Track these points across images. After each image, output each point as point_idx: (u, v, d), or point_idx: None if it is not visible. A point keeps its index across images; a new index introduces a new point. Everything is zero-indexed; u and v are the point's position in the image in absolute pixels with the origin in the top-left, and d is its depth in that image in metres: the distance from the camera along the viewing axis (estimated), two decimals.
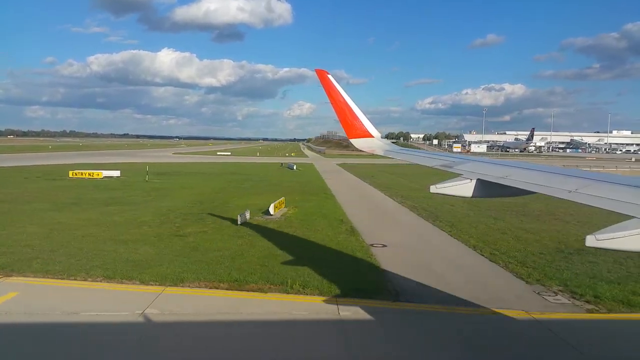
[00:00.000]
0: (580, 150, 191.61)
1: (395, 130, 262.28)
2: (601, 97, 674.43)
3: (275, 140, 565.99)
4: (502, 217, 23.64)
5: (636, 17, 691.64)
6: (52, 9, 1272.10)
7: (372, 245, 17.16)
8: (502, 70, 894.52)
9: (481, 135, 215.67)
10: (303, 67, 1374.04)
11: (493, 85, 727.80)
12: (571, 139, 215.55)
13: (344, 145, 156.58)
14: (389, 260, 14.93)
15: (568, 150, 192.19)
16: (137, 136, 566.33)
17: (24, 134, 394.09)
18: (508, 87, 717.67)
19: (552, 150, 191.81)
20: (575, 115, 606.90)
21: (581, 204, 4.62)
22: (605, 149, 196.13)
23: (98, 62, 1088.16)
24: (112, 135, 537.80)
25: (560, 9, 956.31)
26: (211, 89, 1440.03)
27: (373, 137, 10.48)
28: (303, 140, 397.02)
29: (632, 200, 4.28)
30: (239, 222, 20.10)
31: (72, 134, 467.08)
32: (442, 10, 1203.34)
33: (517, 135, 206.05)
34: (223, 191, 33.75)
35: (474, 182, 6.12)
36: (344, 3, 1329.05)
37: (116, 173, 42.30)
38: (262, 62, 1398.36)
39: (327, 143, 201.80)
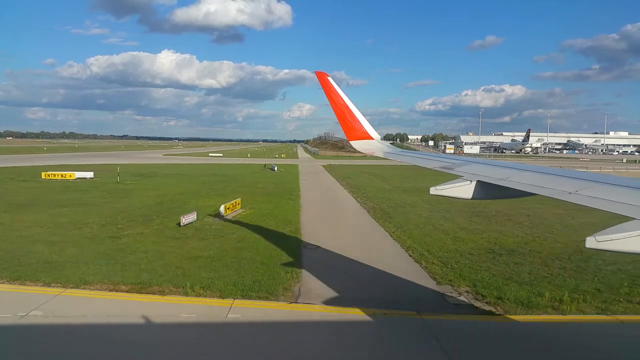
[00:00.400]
0: (577, 151, 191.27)
1: (394, 131, 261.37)
2: (601, 98, 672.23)
3: (275, 141, 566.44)
4: (453, 218, 23.52)
5: (635, 19, 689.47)
6: (52, 11, 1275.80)
7: (305, 246, 17.11)
8: (501, 71, 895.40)
9: (477, 137, 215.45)
10: (303, 68, 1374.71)
11: (493, 86, 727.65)
12: (568, 140, 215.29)
13: (339, 146, 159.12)
14: (311, 262, 14.86)
15: (565, 151, 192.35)
16: (137, 137, 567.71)
17: (23, 136, 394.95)
18: (508, 89, 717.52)
19: (548, 151, 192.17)
20: (575, 116, 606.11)
21: (581, 205, 4.63)
22: (602, 150, 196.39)
23: (98, 63, 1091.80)
24: (112, 137, 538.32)
25: (559, 10, 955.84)
26: (211, 91, 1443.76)
27: (373, 139, 10.53)
28: (302, 141, 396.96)
29: (631, 202, 4.29)
30: (182, 224, 20.03)
31: (72, 136, 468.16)
32: (442, 12, 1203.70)
33: (514, 136, 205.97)
34: (190, 192, 33.61)
35: (474, 183, 6.15)
36: (343, 5, 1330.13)
37: (89, 174, 42.25)
38: (262, 63, 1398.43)
39: (324, 144, 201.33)
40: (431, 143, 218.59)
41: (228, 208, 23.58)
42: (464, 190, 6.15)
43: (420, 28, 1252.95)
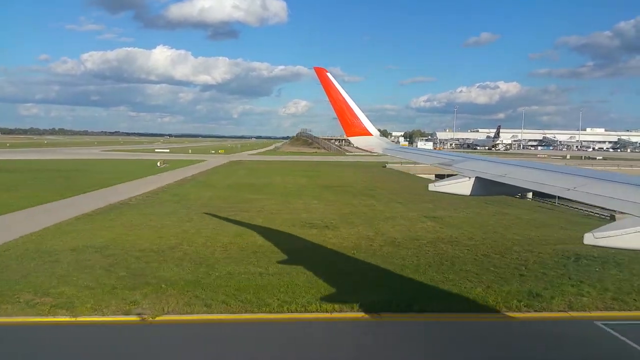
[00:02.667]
0: (551, 148, 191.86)
1: (389, 128, 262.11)
2: (595, 95, 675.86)
3: (269, 137, 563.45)
4: None
5: (629, 16, 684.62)
6: (46, 6, 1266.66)
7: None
8: (496, 68, 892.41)
9: (453, 133, 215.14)
10: (298, 65, 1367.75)
11: (488, 83, 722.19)
12: (543, 137, 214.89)
13: (308, 142, 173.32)
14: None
15: (539, 148, 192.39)
16: (128, 134, 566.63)
17: (11, 132, 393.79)
18: (503, 85, 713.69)
19: (523, 147, 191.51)
20: (570, 113, 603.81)
21: (580, 202, 4.78)
22: (576, 147, 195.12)
23: (92, 59, 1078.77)
24: (104, 133, 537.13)
25: (553, 7, 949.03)
26: (206, 87, 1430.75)
27: (372, 135, 10.51)
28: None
29: (629, 199, 4.33)
30: None
31: (61, 132, 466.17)
32: (437, 9, 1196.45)
33: (490, 133, 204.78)
34: None
35: (472, 180, 6.19)
36: (338, 1, 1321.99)
37: None
38: (258, 59, 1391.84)
39: (298, 141, 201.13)
40: (401, 139, 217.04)
41: None
42: (462, 186, 6.22)
43: (415, 25, 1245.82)
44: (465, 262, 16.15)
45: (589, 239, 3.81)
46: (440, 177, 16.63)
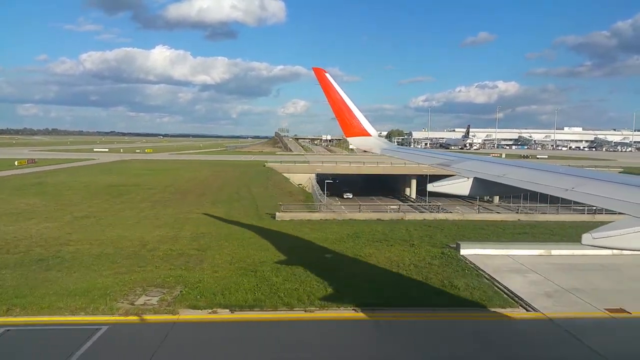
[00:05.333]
0: (526, 147, 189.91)
1: (387, 128, 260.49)
2: (593, 94, 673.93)
3: (266, 137, 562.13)
4: None
5: (626, 15, 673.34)
6: (45, 7, 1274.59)
7: None
8: (495, 68, 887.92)
9: (427, 133, 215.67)
10: (297, 65, 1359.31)
11: (486, 82, 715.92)
12: (519, 136, 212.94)
13: (277, 142, 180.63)
14: None
15: (514, 147, 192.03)
16: (123, 134, 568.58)
17: (2, 132, 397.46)
18: (501, 85, 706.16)
19: (497, 147, 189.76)
20: (568, 112, 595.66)
21: (578, 202, 4.89)
22: (551, 146, 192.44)
23: (91, 59, 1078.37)
24: (98, 133, 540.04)
25: (550, 7, 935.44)
26: (205, 87, 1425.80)
27: (370, 135, 10.49)
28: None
29: (626, 199, 4.36)
30: None
31: (55, 132, 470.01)
32: (435, 9, 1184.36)
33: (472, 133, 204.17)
34: None
35: (470, 180, 6.22)
36: (336, 1, 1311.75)
37: None
38: (257, 59, 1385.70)
39: (271, 141, 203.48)
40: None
41: None
42: (461, 187, 6.24)
43: (413, 25, 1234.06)
44: None
45: (587, 239, 3.82)
46: None
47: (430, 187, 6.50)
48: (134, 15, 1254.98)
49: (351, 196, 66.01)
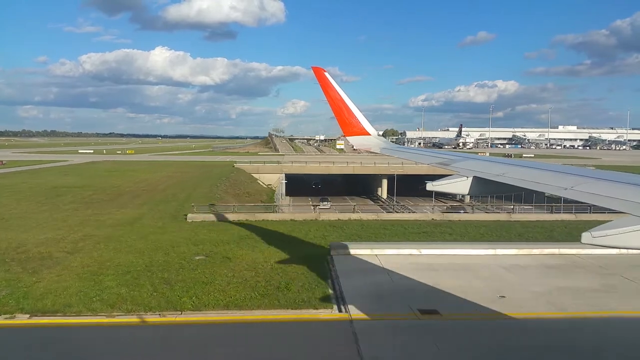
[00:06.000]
0: (520, 146, 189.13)
1: (388, 127, 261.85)
2: (592, 93, 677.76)
3: (265, 137, 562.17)
4: None
5: (625, 14, 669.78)
6: (44, 8, 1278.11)
7: None
8: (494, 67, 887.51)
9: (421, 132, 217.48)
10: (297, 65, 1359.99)
11: (486, 82, 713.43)
12: (513, 135, 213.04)
13: (268, 143, 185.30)
14: None
15: (508, 146, 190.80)
16: (122, 135, 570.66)
17: (0, 134, 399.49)
18: (501, 84, 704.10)
19: (491, 146, 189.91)
20: (568, 110, 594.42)
21: (578, 201, 4.87)
22: (545, 145, 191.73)
23: (91, 61, 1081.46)
24: (97, 135, 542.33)
25: (549, 6, 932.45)
26: (204, 88, 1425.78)
27: (370, 134, 10.48)
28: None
29: (625, 197, 4.33)
30: None
31: (53, 134, 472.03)
32: (433, 9, 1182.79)
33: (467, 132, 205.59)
34: None
35: (470, 179, 6.22)
36: (335, 2, 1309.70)
37: None
38: (256, 60, 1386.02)
39: (265, 142, 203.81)
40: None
41: None
42: (460, 186, 6.25)
43: (412, 24, 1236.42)
44: None
45: (587, 238, 3.78)
46: None
47: (430, 186, 6.49)
48: (134, 16, 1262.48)
49: (328, 206, 50.02)
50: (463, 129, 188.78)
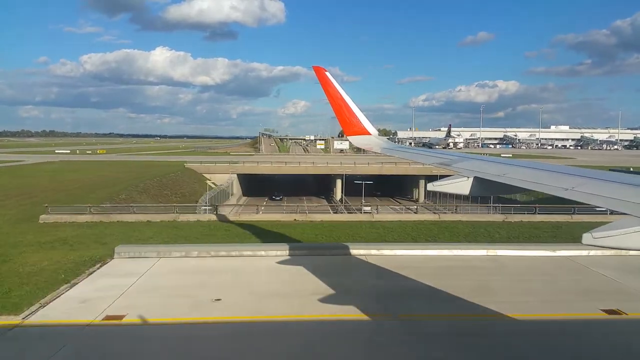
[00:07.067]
0: (510, 146, 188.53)
1: (388, 127, 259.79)
2: (593, 92, 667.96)
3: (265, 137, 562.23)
4: None
5: (625, 14, 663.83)
6: (45, 9, 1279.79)
7: None
8: (495, 67, 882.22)
9: (411, 132, 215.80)
10: (297, 65, 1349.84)
11: (486, 82, 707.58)
12: (504, 135, 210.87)
13: (254, 145, 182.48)
14: None
15: (499, 146, 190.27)
16: (121, 135, 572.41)
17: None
18: (501, 84, 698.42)
19: (482, 146, 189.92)
20: (569, 110, 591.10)
21: (578, 201, 4.75)
22: (536, 144, 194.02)
23: (91, 61, 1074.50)
24: (96, 135, 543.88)
25: (549, 5, 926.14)
26: (205, 88, 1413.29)
27: (370, 134, 10.50)
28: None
29: (627, 198, 4.29)
30: None
31: (52, 134, 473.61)
32: (433, 9, 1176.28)
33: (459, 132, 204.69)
34: None
35: (470, 179, 6.21)
36: (336, 2, 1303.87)
37: None
38: (257, 60, 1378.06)
39: (253, 142, 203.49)
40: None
41: None
42: (461, 186, 6.23)
43: (413, 24, 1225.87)
44: None
45: (588, 239, 3.75)
46: None
47: (431, 186, 6.57)
48: (134, 16, 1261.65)
49: (279, 198, 67.60)
50: (452, 129, 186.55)
